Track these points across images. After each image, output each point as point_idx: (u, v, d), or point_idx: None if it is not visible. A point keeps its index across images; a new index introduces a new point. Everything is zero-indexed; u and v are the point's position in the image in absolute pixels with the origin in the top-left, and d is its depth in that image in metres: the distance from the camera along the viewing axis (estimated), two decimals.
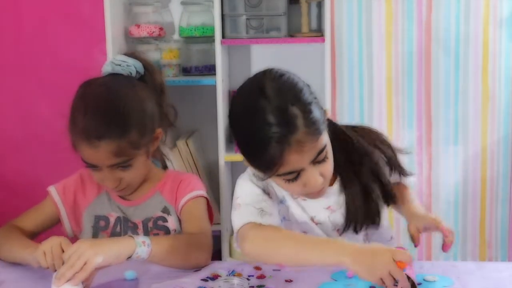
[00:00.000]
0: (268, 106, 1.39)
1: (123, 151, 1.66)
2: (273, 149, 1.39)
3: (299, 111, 1.40)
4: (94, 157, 1.67)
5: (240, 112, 1.47)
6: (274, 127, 1.38)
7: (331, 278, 1.50)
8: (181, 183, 1.79)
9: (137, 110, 1.70)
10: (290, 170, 1.43)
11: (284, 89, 1.43)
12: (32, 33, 2.58)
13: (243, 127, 1.46)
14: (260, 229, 1.48)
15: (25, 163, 2.62)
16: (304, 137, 1.40)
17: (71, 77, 2.51)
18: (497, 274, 1.51)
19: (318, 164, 1.45)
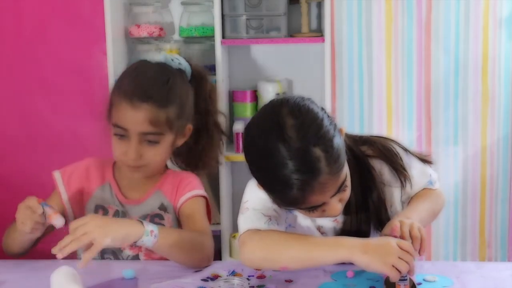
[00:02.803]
0: (289, 151, 1.32)
1: (159, 122, 1.70)
2: (294, 194, 1.34)
3: (322, 152, 1.33)
4: (130, 120, 1.70)
5: (258, 152, 1.38)
6: (295, 173, 1.32)
7: (331, 278, 1.50)
8: (181, 182, 1.80)
9: (181, 92, 1.78)
10: (310, 206, 1.40)
11: (305, 127, 1.34)
12: (32, 33, 2.58)
13: (262, 168, 1.39)
14: (260, 234, 1.47)
15: (25, 163, 2.62)
16: (327, 179, 1.34)
17: (71, 77, 2.54)
18: (497, 274, 1.51)
19: (338, 193, 1.41)
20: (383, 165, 1.58)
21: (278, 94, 2.56)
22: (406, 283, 1.34)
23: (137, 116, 1.69)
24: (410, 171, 1.60)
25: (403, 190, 1.60)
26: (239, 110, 2.59)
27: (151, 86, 1.73)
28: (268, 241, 1.46)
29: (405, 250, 1.34)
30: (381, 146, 1.59)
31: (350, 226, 1.56)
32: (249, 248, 1.47)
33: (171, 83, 1.76)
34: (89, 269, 1.60)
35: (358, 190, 1.53)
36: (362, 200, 1.54)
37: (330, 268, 1.53)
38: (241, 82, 2.67)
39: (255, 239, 1.47)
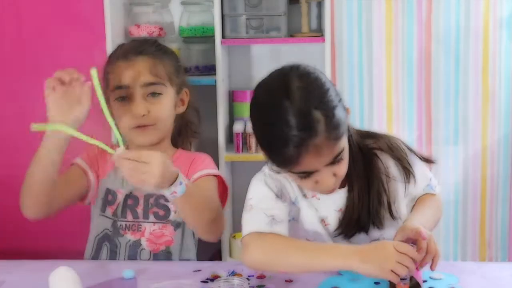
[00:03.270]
0: (291, 108, 1.37)
1: (158, 71, 1.75)
2: (290, 151, 1.38)
3: (322, 116, 1.37)
4: (129, 74, 1.74)
5: (262, 107, 1.45)
6: (294, 129, 1.36)
7: (338, 272, 1.50)
8: (193, 161, 1.81)
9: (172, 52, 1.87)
10: (304, 171, 1.43)
11: (310, 90, 1.40)
12: (32, 33, 2.58)
13: (263, 123, 1.44)
14: (263, 238, 1.47)
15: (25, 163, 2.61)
16: (323, 142, 1.38)
17: None
18: (497, 274, 1.51)
19: (333, 164, 1.45)
20: (389, 159, 1.60)
21: None
22: (406, 282, 1.34)
23: (135, 68, 1.74)
24: (413, 169, 1.61)
25: (407, 185, 1.61)
26: (239, 110, 2.59)
27: (143, 44, 1.81)
28: (269, 247, 1.46)
29: (403, 253, 1.34)
30: (387, 141, 1.62)
31: (352, 217, 1.55)
32: (250, 252, 1.48)
33: (159, 43, 1.85)
34: (89, 269, 1.60)
35: (363, 181, 1.55)
36: (366, 191, 1.55)
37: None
38: (241, 82, 2.67)
39: (257, 243, 1.47)
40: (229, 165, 2.57)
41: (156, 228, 1.76)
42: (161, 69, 1.76)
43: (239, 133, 2.45)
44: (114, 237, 1.78)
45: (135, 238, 1.77)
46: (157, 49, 1.81)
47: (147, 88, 1.74)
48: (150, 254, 1.77)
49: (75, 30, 2.55)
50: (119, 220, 1.78)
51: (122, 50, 1.80)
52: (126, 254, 1.77)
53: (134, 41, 1.89)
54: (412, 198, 1.65)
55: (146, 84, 1.74)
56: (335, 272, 1.50)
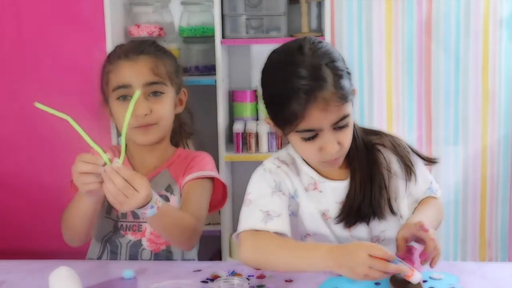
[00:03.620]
0: (303, 62, 1.44)
1: (159, 71, 1.76)
2: (299, 101, 1.42)
3: (331, 73, 1.44)
4: (131, 73, 1.74)
5: (275, 64, 1.51)
6: (304, 80, 1.42)
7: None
8: (191, 161, 1.81)
9: (172, 54, 1.86)
10: (310, 127, 1.46)
11: (321, 51, 1.48)
12: (32, 33, 2.58)
13: (274, 77, 1.49)
14: (256, 238, 1.48)
15: (25, 163, 2.62)
16: (330, 97, 1.43)
17: (71, 77, 2.54)
18: (497, 274, 1.51)
19: (338, 130, 1.48)
20: (391, 155, 1.62)
21: None
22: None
23: (137, 67, 1.74)
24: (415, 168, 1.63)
25: (408, 183, 1.62)
26: (239, 110, 2.59)
27: (143, 45, 1.81)
28: (260, 247, 1.48)
29: (376, 257, 1.32)
30: (391, 139, 1.65)
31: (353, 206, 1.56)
32: (244, 250, 1.50)
33: (158, 43, 1.85)
34: (89, 269, 1.60)
35: (365, 173, 1.57)
36: (368, 182, 1.57)
37: None
38: (241, 82, 2.67)
39: (249, 242, 1.49)
40: (229, 165, 2.57)
41: None
42: (162, 69, 1.77)
43: (239, 133, 2.45)
44: (114, 237, 1.78)
45: (136, 238, 1.77)
46: (157, 49, 1.82)
47: (149, 87, 1.74)
48: (151, 254, 1.77)
49: (75, 30, 2.55)
50: (120, 220, 1.78)
51: (122, 49, 1.80)
52: (127, 254, 1.77)
53: (133, 42, 1.89)
54: (414, 200, 1.66)
55: (149, 83, 1.74)
56: (335, 273, 1.50)
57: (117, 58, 1.77)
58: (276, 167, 1.59)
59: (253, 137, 2.45)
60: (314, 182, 1.60)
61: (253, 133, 2.45)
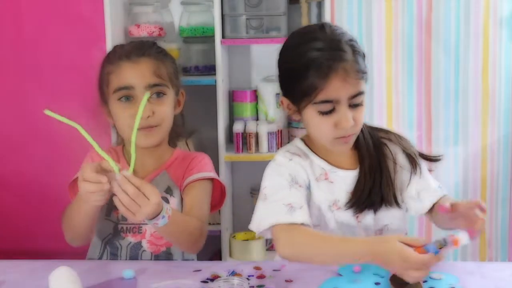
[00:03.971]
0: (323, 37, 1.53)
1: (161, 73, 1.76)
2: (319, 71, 1.49)
3: (350, 49, 1.53)
4: (134, 75, 1.74)
5: (295, 41, 1.58)
6: (325, 51, 1.51)
7: (338, 273, 1.50)
8: (191, 162, 1.81)
9: (171, 55, 1.87)
10: (328, 98, 1.51)
11: (342, 31, 1.57)
12: (32, 33, 2.58)
13: (294, 52, 1.56)
14: (291, 234, 1.50)
15: (25, 163, 2.62)
16: (350, 68, 1.51)
17: (71, 77, 2.54)
18: (497, 274, 1.51)
19: (354, 108, 1.54)
20: (397, 149, 1.67)
21: (278, 94, 2.56)
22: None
23: (140, 69, 1.74)
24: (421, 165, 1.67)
25: (413, 176, 1.65)
26: (239, 110, 2.59)
27: (144, 45, 1.81)
28: (297, 242, 1.49)
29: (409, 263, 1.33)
30: (396, 134, 1.72)
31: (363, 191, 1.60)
32: (281, 245, 1.51)
33: (158, 45, 1.86)
34: (89, 269, 1.60)
35: (374, 161, 1.62)
36: (377, 170, 1.62)
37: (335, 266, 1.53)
38: (241, 82, 2.67)
39: (284, 237, 1.50)
40: (229, 165, 2.57)
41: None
42: (163, 71, 1.77)
43: (239, 133, 2.45)
44: (114, 239, 1.77)
45: (136, 240, 1.76)
46: (158, 51, 1.82)
47: (151, 89, 1.74)
48: (151, 256, 1.77)
49: (75, 30, 2.55)
50: (120, 222, 1.78)
51: (123, 50, 1.79)
52: (127, 256, 1.77)
53: (133, 42, 1.88)
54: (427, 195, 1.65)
55: (151, 85, 1.74)
56: (335, 273, 1.50)
57: (118, 59, 1.76)
58: (289, 160, 1.62)
59: (253, 137, 2.45)
60: (324, 173, 1.63)
61: (253, 133, 2.45)
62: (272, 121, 2.54)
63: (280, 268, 1.58)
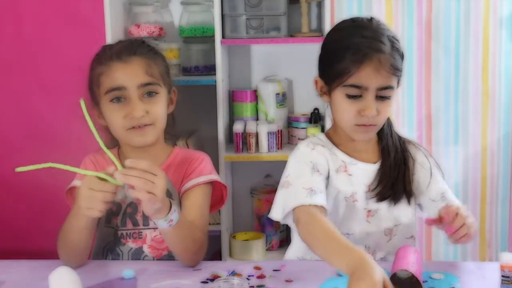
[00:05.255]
0: (369, 27, 1.61)
1: (153, 72, 1.74)
2: (356, 55, 1.56)
3: (390, 43, 1.60)
4: (126, 75, 1.71)
5: (342, 26, 1.67)
6: (366, 39, 1.58)
7: (337, 273, 1.50)
8: (190, 164, 1.79)
9: (162, 53, 1.84)
10: (358, 84, 1.57)
11: (386, 28, 1.64)
12: (32, 33, 2.58)
13: (338, 35, 1.65)
14: (310, 219, 1.51)
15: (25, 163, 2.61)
16: (385, 61, 1.57)
17: (71, 77, 2.52)
18: (497, 274, 1.50)
19: (380, 100, 1.60)
20: (418, 151, 1.74)
21: (278, 94, 2.56)
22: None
23: (131, 69, 1.72)
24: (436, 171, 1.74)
25: (431, 177, 1.71)
26: (239, 110, 2.59)
27: (133, 45, 1.78)
28: (311, 232, 1.50)
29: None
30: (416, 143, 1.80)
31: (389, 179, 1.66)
32: (301, 228, 1.54)
33: (148, 43, 1.83)
34: (89, 269, 1.60)
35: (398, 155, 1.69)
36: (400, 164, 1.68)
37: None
38: (241, 82, 2.67)
39: (305, 222, 1.53)
40: (229, 165, 2.57)
41: (157, 234, 1.74)
42: (155, 69, 1.75)
43: (239, 133, 2.45)
44: (115, 246, 1.76)
45: (137, 245, 1.75)
46: (148, 49, 1.79)
47: (143, 88, 1.72)
48: (153, 260, 1.76)
49: (75, 30, 2.55)
50: (120, 229, 1.77)
51: (113, 50, 1.76)
52: None
53: (122, 42, 1.84)
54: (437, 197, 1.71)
55: (143, 84, 1.72)
56: (335, 273, 1.50)
57: (108, 59, 1.73)
58: (311, 150, 1.67)
59: (253, 137, 2.45)
60: (344, 165, 1.67)
61: (253, 133, 2.45)
62: (272, 121, 2.54)
63: (280, 268, 1.58)
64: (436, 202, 1.68)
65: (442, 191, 1.71)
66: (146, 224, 1.75)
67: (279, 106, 2.57)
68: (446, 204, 1.58)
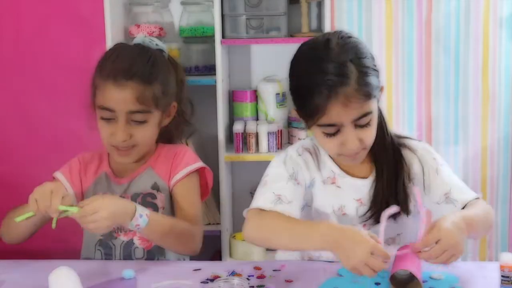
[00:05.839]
0: (328, 57, 1.48)
1: (145, 99, 1.71)
2: (320, 96, 1.46)
3: (355, 70, 1.47)
4: (116, 100, 1.70)
5: (302, 57, 1.55)
6: (327, 75, 1.46)
7: (338, 274, 1.50)
8: (175, 157, 1.81)
9: (163, 69, 1.80)
10: (330, 122, 1.48)
11: (348, 46, 1.50)
12: (32, 33, 2.58)
13: (300, 70, 1.54)
14: (262, 216, 1.51)
15: (25, 163, 2.62)
16: (352, 93, 1.45)
17: (71, 77, 2.54)
18: (497, 274, 1.50)
19: (360, 128, 1.50)
20: (413, 156, 1.63)
21: (278, 94, 2.56)
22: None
23: (123, 95, 1.70)
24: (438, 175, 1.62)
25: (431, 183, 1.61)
26: (239, 110, 2.59)
27: (134, 64, 1.74)
28: (264, 225, 1.50)
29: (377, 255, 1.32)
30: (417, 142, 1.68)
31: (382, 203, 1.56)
32: (249, 227, 1.52)
33: (152, 61, 1.78)
34: (89, 269, 1.60)
35: (392, 170, 1.59)
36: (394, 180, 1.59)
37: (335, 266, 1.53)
38: (241, 82, 2.67)
39: (255, 219, 1.52)
40: (229, 165, 2.57)
41: None
42: (148, 95, 1.72)
43: (239, 133, 2.45)
44: (107, 240, 1.78)
45: (128, 238, 1.78)
46: (148, 71, 1.75)
47: (132, 115, 1.72)
48: (144, 252, 1.78)
49: (75, 30, 2.55)
50: None
51: (114, 66, 1.73)
52: (121, 254, 1.78)
53: (127, 56, 1.78)
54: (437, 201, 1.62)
55: (132, 112, 1.72)
56: (336, 273, 1.50)
57: (106, 76, 1.72)
58: (298, 155, 1.62)
59: (253, 137, 2.45)
60: (333, 177, 1.62)
61: (253, 133, 2.45)
62: (272, 121, 2.54)
63: (280, 268, 1.58)
64: (441, 204, 1.60)
65: (445, 192, 1.60)
66: None
67: (279, 106, 2.57)
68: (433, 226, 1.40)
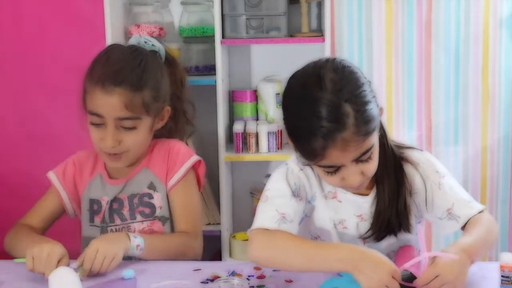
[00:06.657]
0: (322, 99, 1.38)
1: (134, 106, 1.68)
2: (317, 142, 1.39)
3: (352, 110, 1.38)
4: (105, 106, 1.68)
5: (294, 98, 1.45)
6: (323, 121, 1.37)
7: (338, 273, 1.50)
8: (170, 155, 1.79)
9: (156, 74, 1.75)
10: (330, 165, 1.43)
11: (343, 83, 1.40)
12: (32, 33, 2.58)
13: (294, 113, 1.45)
14: (268, 236, 1.47)
15: (25, 163, 2.62)
16: (351, 137, 1.38)
17: (71, 77, 2.53)
18: (497, 274, 1.50)
19: (361, 163, 1.44)
20: (415, 173, 1.57)
21: (278, 94, 2.56)
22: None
23: (111, 101, 1.67)
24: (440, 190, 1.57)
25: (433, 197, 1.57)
26: (239, 110, 2.59)
27: (123, 70, 1.71)
28: (271, 245, 1.47)
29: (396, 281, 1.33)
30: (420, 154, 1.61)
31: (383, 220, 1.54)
32: (254, 247, 1.48)
33: (143, 66, 1.74)
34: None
35: (393, 186, 1.54)
36: (395, 195, 1.54)
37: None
38: (241, 82, 2.67)
39: (261, 240, 1.48)
40: (229, 165, 2.57)
41: (145, 226, 1.77)
42: (137, 102, 1.69)
43: (239, 133, 2.45)
44: None
45: None
46: (137, 77, 1.71)
47: (121, 121, 1.70)
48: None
49: (75, 30, 2.55)
50: (108, 225, 1.78)
51: (103, 72, 1.70)
52: None
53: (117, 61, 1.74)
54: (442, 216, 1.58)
55: (121, 118, 1.70)
56: (336, 274, 1.50)
57: (95, 81, 1.69)
58: (299, 170, 1.57)
59: (253, 137, 2.45)
60: (334, 191, 1.59)
61: (253, 133, 2.45)
62: (272, 121, 2.54)
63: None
64: (443, 220, 1.56)
65: (448, 207, 1.55)
66: (133, 218, 1.77)
67: (279, 106, 2.57)
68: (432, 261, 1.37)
